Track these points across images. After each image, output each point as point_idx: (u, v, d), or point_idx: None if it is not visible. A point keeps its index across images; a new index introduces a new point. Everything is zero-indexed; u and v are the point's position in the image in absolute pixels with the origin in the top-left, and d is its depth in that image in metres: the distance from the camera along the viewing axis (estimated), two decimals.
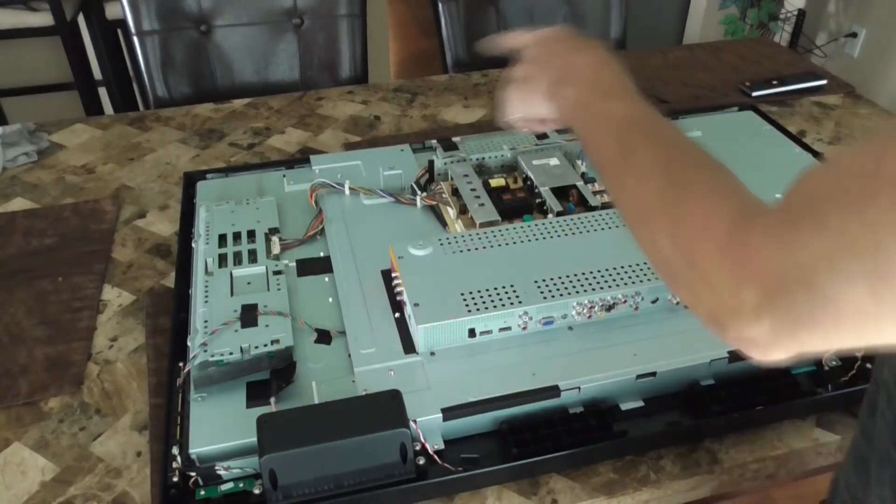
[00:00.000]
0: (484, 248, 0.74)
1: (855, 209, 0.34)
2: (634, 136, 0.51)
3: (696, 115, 1.11)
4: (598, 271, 0.71)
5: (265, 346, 0.66)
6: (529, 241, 0.75)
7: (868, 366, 0.67)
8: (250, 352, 0.66)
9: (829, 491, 0.57)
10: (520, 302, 0.68)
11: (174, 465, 0.59)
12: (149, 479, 0.63)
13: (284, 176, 0.95)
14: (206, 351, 0.66)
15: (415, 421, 0.59)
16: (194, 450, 0.59)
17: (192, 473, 0.58)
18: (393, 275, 0.74)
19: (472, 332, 0.68)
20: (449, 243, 0.75)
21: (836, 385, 0.67)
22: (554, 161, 0.91)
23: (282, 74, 1.42)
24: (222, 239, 0.80)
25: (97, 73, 2.27)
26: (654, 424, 0.65)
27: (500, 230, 0.77)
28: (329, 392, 0.64)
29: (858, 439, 0.51)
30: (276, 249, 0.80)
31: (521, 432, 0.62)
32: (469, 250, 0.74)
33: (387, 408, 0.58)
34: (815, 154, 1.01)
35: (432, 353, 0.67)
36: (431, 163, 0.92)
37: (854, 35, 2.66)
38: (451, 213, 0.85)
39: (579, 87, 0.59)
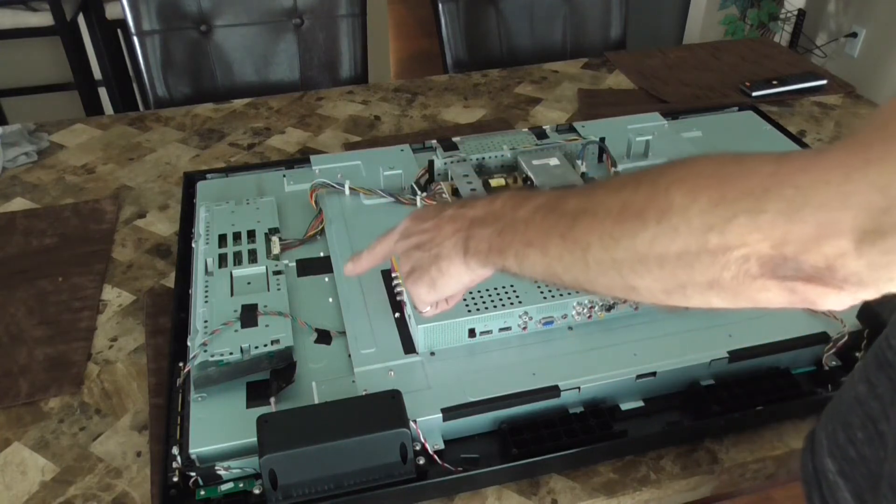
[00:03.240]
0: None
1: None
2: (607, 196, 0.44)
3: (696, 115, 1.12)
4: None
5: (265, 346, 0.66)
6: None
7: None
8: (250, 352, 0.66)
9: (804, 445, 0.56)
10: (520, 302, 0.68)
11: (174, 465, 0.59)
12: (149, 479, 0.63)
13: (284, 176, 0.95)
14: (206, 351, 0.66)
15: (415, 421, 0.59)
16: (194, 450, 0.59)
17: (192, 473, 0.58)
18: (393, 275, 0.74)
19: (472, 332, 0.68)
20: None
21: (836, 385, 0.67)
22: (554, 161, 0.91)
23: (282, 74, 1.42)
24: (222, 239, 0.80)
25: (97, 73, 2.27)
26: (654, 424, 0.65)
27: None
28: (329, 392, 0.64)
29: (865, 397, 0.49)
30: (276, 249, 0.80)
31: (521, 432, 0.62)
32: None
33: (387, 408, 0.58)
34: None
35: (432, 353, 0.67)
36: (431, 163, 0.92)
37: (854, 35, 2.66)
38: None
39: (487, 222, 0.52)
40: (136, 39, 1.33)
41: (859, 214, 0.33)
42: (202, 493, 0.58)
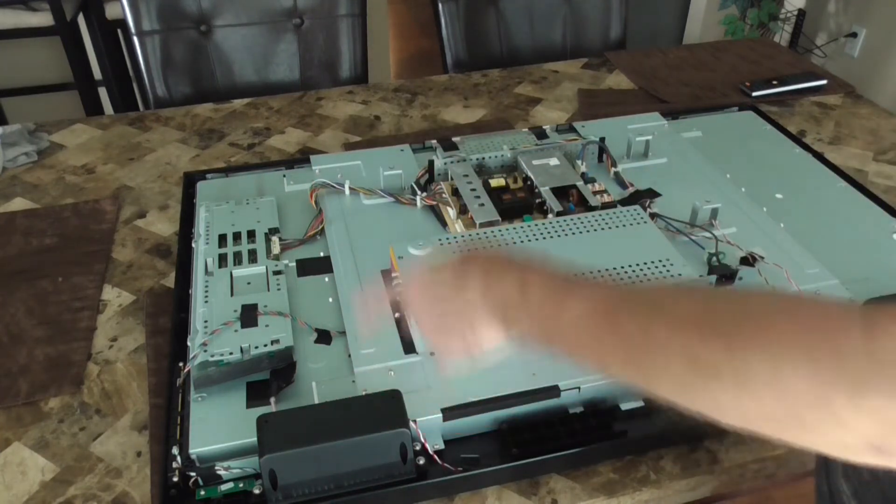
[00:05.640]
0: (484, 248, 0.74)
1: None
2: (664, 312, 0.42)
3: (696, 115, 1.12)
4: (599, 271, 0.71)
5: (265, 346, 0.66)
6: (529, 241, 0.75)
7: None
8: (250, 352, 0.66)
9: (816, 466, 0.56)
10: None
11: (174, 465, 0.59)
12: (149, 479, 0.63)
13: (284, 176, 0.95)
14: (206, 351, 0.66)
15: (415, 421, 0.59)
16: (194, 450, 0.59)
17: (192, 473, 0.58)
18: (393, 275, 0.74)
19: None
20: (449, 243, 0.75)
21: None
22: (554, 161, 0.91)
23: (282, 74, 1.42)
24: (222, 239, 0.80)
25: (97, 73, 2.27)
26: (654, 424, 0.65)
27: (500, 230, 0.77)
28: (329, 392, 0.64)
29: None
30: (276, 249, 0.80)
31: (521, 432, 0.62)
32: (469, 250, 0.74)
33: (387, 408, 0.58)
34: (816, 154, 1.01)
35: (432, 353, 0.67)
36: (431, 163, 0.92)
37: (854, 35, 2.66)
38: (451, 213, 0.85)
39: (526, 314, 0.49)
40: (136, 39, 1.33)
41: None
42: (202, 493, 0.58)
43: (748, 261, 0.75)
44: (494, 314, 0.51)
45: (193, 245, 0.82)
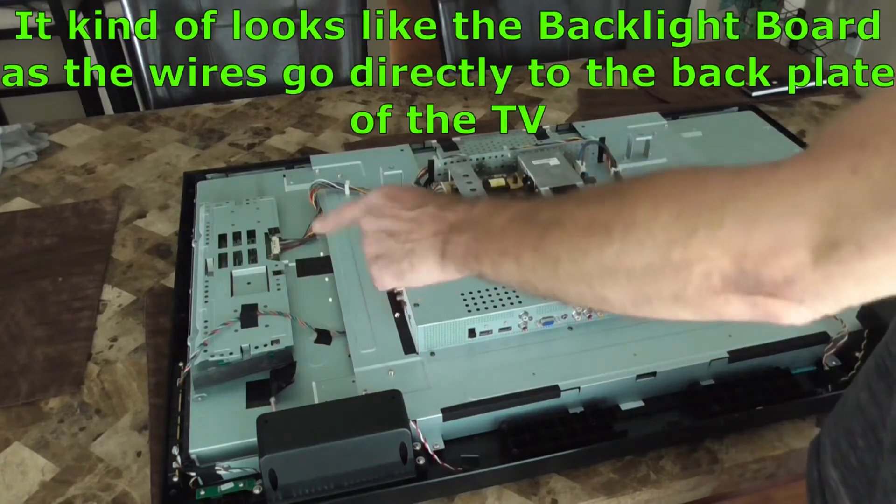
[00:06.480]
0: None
1: None
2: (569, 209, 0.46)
3: (696, 115, 1.11)
4: None
5: (265, 346, 0.66)
6: None
7: None
8: (250, 352, 0.66)
9: (809, 451, 0.56)
10: (520, 302, 0.68)
11: (174, 465, 0.59)
12: (149, 479, 0.63)
13: (284, 176, 0.95)
14: (206, 351, 0.66)
15: (415, 421, 0.59)
16: (194, 450, 0.59)
17: (192, 473, 0.58)
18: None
19: (472, 332, 0.68)
20: None
21: (836, 385, 0.67)
22: (554, 161, 0.91)
23: (282, 74, 1.42)
24: (222, 239, 0.80)
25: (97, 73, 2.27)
26: (654, 424, 0.65)
27: None
28: (329, 392, 0.64)
29: (866, 404, 0.49)
30: (276, 249, 0.80)
31: (521, 432, 0.62)
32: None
33: (387, 408, 0.58)
34: None
35: (432, 353, 0.67)
36: (431, 163, 0.92)
37: (854, 35, 2.66)
38: None
39: (465, 228, 0.52)
40: (136, 39, 1.33)
41: (812, 225, 0.34)
42: (202, 493, 0.58)
43: None
44: (436, 243, 0.54)
45: (193, 245, 0.82)
